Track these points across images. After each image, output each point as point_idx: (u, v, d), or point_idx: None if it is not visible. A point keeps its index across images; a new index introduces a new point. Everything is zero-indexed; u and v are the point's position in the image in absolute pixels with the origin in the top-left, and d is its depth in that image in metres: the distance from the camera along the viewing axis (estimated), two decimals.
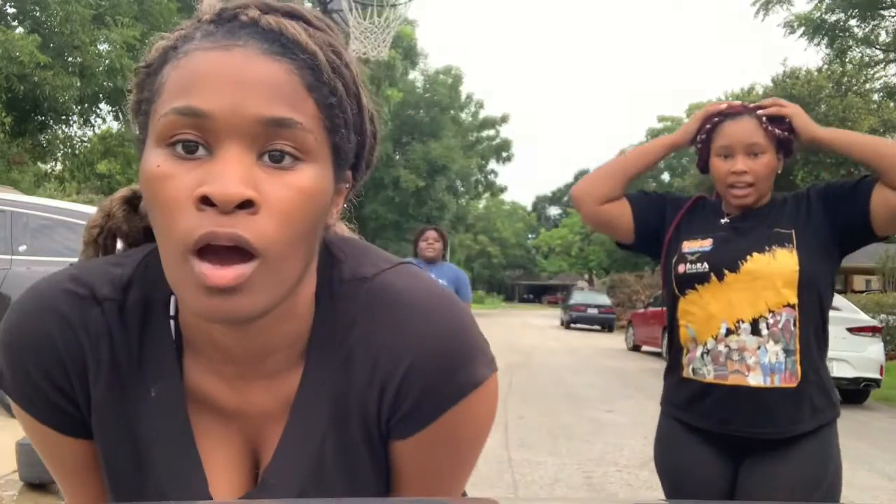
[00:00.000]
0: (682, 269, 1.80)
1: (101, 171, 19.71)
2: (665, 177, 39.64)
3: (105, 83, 11.78)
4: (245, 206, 0.56)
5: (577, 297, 29.26)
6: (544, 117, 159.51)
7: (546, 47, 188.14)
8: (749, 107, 1.79)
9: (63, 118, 12.48)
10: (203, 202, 0.55)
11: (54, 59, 10.72)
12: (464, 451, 0.72)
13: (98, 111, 13.35)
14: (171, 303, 0.69)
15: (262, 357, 0.68)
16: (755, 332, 1.70)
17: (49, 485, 3.65)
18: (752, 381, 1.69)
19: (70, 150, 13.79)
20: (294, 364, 0.69)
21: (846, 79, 17.11)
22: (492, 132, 34.21)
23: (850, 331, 8.99)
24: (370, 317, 0.68)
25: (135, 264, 0.70)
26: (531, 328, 26.40)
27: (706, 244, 1.79)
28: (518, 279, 70.98)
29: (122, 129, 15.42)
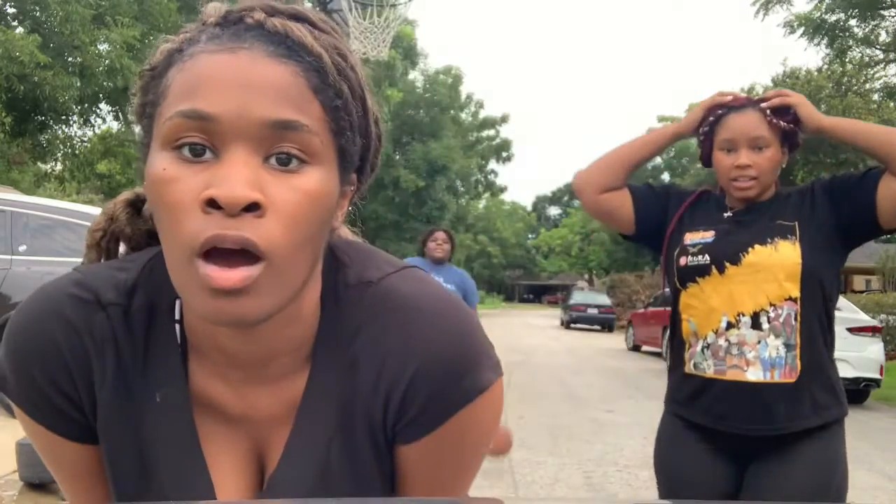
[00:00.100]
0: (683, 261, 1.77)
1: (101, 171, 19.71)
2: (665, 177, 39.66)
3: (105, 83, 11.76)
4: (251, 208, 0.56)
5: (577, 297, 29.26)
6: (544, 117, 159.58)
7: (546, 47, 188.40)
8: (753, 100, 1.76)
9: (63, 118, 12.47)
10: (209, 205, 0.55)
11: (54, 59, 10.71)
12: (468, 454, 0.72)
13: (98, 111, 13.35)
14: (176, 307, 0.69)
15: (267, 361, 0.67)
16: (756, 325, 1.67)
17: (49, 485, 3.65)
18: (751, 376, 1.66)
19: (70, 150, 13.79)
20: (299, 368, 0.69)
21: (846, 79, 17.09)
22: (492, 132, 34.18)
23: (850, 331, 8.99)
24: (376, 321, 0.67)
25: (139, 268, 0.70)
26: (531, 328, 26.38)
27: (708, 236, 1.76)
28: (518, 279, 70.93)
29: (122, 129, 15.43)
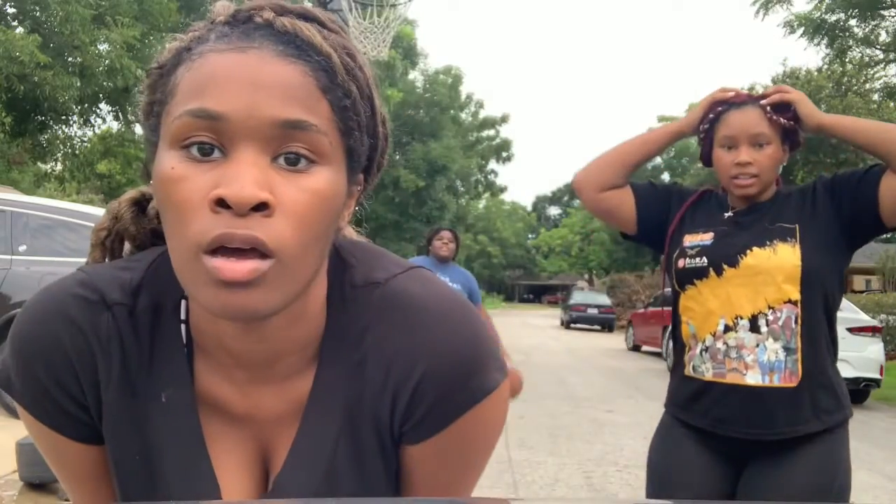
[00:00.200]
0: (681, 263, 1.75)
1: (101, 171, 19.70)
2: (665, 176, 39.67)
3: (105, 83, 11.75)
4: (260, 208, 0.55)
5: (577, 297, 29.26)
6: (544, 117, 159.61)
7: (546, 47, 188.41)
8: (754, 97, 1.75)
9: (63, 118, 12.47)
10: (218, 204, 0.55)
11: (54, 59, 10.70)
12: (474, 455, 0.72)
13: (98, 111, 13.35)
14: (182, 307, 0.68)
15: (273, 361, 0.67)
16: (754, 329, 1.65)
17: (49, 485, 3.66)
18: (750, 379, 1.64)
19: (70, 150, 13.78)
20: (305, 368, 0.69)
21: (846, 79, 17.10)
22: (492, 132, 34.21)
23: (850, 331, 9.00)
24: (384, 322, 0.67)
25: (144, 268, 0.70)
26: (531, 328, 26.38)
27: (707, 238, 1.74)
28: (518, 279, 70.90)
29: (122, 129, 15.42)
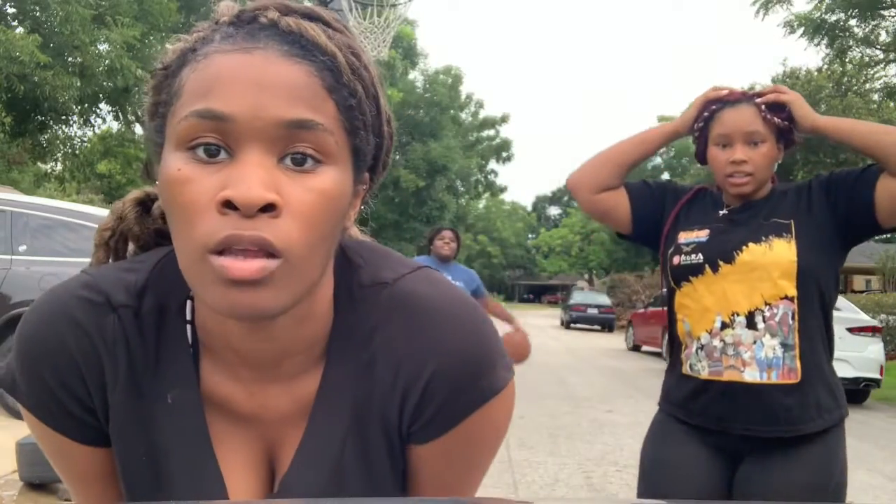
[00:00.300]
0: (677, 260, 1.75)
1: (101, 171, 19.72)
2: (665, 176, 39.71)
3: (105, 83, 11.76)
4: (267, 209, 0.56)
5: (577, 297, 29.26)
6: (544, 117, 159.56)
7: (547, 47, 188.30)
8: (749, 94, 1.74)
9: (63, 118, 12.47)
10: (225, 206, 0.55)
11: (54, 59, 10.70)
12: (480, 454, 0.72)
13: (98, 111, 13.35)
14: (188, 307, 0.68)
15: (280, 360, 0.67)
16: (751, 325, 1.64)
17: (49, 485, 3.66)
18: (748, 376, 1.63)
19: (70, 150, 13.78)
20: (311, 367, 0.69)
21: (846, 79, 17.10)
22: (492, 132, 34.24)
23: (850, 331, 9.00)
24: (393, 322, 0.67)
25: (149, 269, 0.70)
26: (531, 328, 26.15)
27: (702, 235, 1.73)
28: (518, 279, 70.90)
29: (122, 129, 15.42)
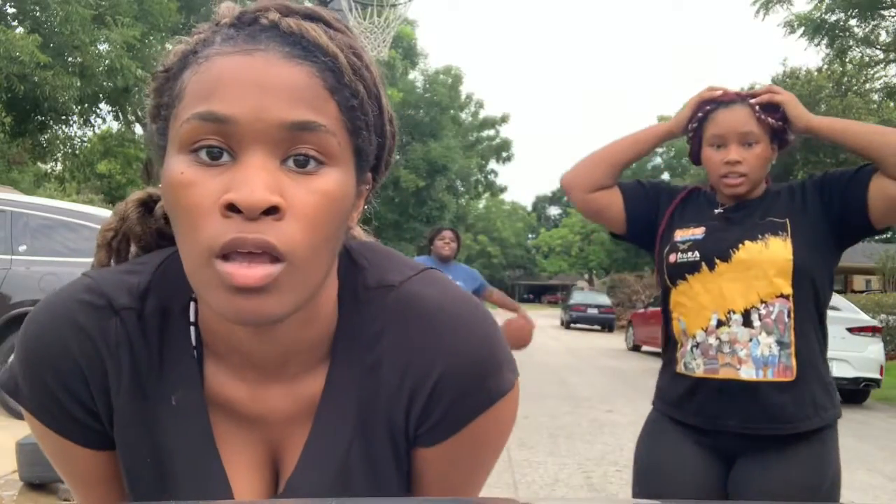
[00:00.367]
0: (673, 258, 1.75)
1: (101, 171, 19.73)
2: (665, 176, 39.71)
3: (105, 83, 11.75)
4: (270, 212, 0.56)
5: (577, 297, 29.27)
6: (544, 117, 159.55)
7: (547, 47, 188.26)
8: (743, 95, 1.74)
9: (63, 118, 12.46)
10: (229, 209, 0.55)
11: (54, 59, 10.69)
12: (485, 455, 0.73)
13: (98, 111, 13.34)
14: (191, 309, 0.68)
15: (284, 361, 0.67)
16: (747, 323, 1.64)
17: (49, 485, 3.66)
18: (744, 374, 1.63)
19: (70, 150, 13.78)
20: (315, 368, 0.69)
21: (846, 79, 17.11)
22: (492, 132, 34.22)
23: (850, 331, 9.00)
24: (400, 326, 0.67)
25: (151, 271, 0.69)
26: None
27: (698, 233, 1.74)
28: (518, 279, 70.89)
29: (122, 129, 15.42)
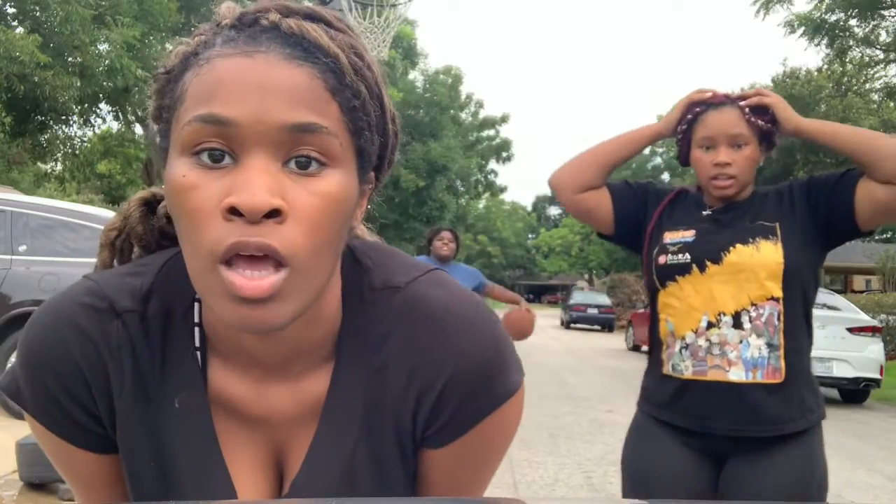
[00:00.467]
0: (662, 259, 1.75)
1: (101, 171, 19.74)
2: (665, 177, 39.68)
3: (105, 83, 11.76)
4: (272, 215, 0.55)
5: (577, 297, 29.26)
6: (544, 117, 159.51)
7: (546, 47, 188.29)
8: (732, 97, 1.75)
9: (63, 118, 12.47)
10: (231, 212, 0.55)
11: (54, 59, 10.70)
12: (491, 455, 0.73)
13: (98, 111, 13.35)
14: (195, 309, 0.68)
15: (288, 360, 0.67)
16: (737, 325, 1.64)
17: (49, 485, 3.66)
18: (733, 376, 1.64)
19: (70, 150, 13.80)
20: (320, 367, 0.69)
21: (846, 79, 17.13)
22: (492, 132, 34.22)
23: (850, 331, 8.96)
24: (407, 328, 0.67)
25: (154, 273, 0.69)
26: None
27: (688, 235, 1.73)
28: (518, 279, 70.87)
29: (122, 129, 15.43)
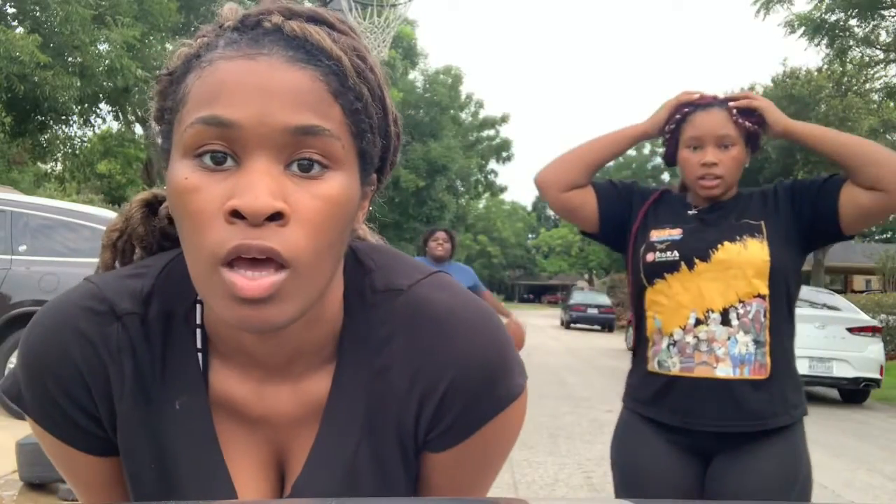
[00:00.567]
0: (650, 257, 1.76)
1: (101, 171, 19.75)
2: (665, 177, 39.67)
3: (105, 83, 11.77)
4: (274, 217, 0.56)
5: (577, 297, 29.29)
6: (544, 117, 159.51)
7: (546, 47, 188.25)
8: (721, 99, 1.78)
9: (63, 118, 12.48)
10: (233, 215, 0.55)
11: (54, 59, 10.70)
12: (493, 458, 0.73)
13: (98, 111, 13.37)
14: (197, 311, 0.68)
15: (290, 360, 0.67)
16: (725, 322, 1.67)
17: (49, 485, 3.66)
18: (721, 372, 1.66)
19: (70, 150, 13.80)
20: (321, 368, 0.69)
21: (846, 79, 17.12)
22: (492, 132, 34.22)
23: (850, 331, 8.96)
24: (409, 331, 0.67)
25: (155, 275, 0.69)
26: (531, 328, 26.33)
27: (675, 233, 1.76)
28: (518, 279, 70.92)
29: (122, 129, 15.43)
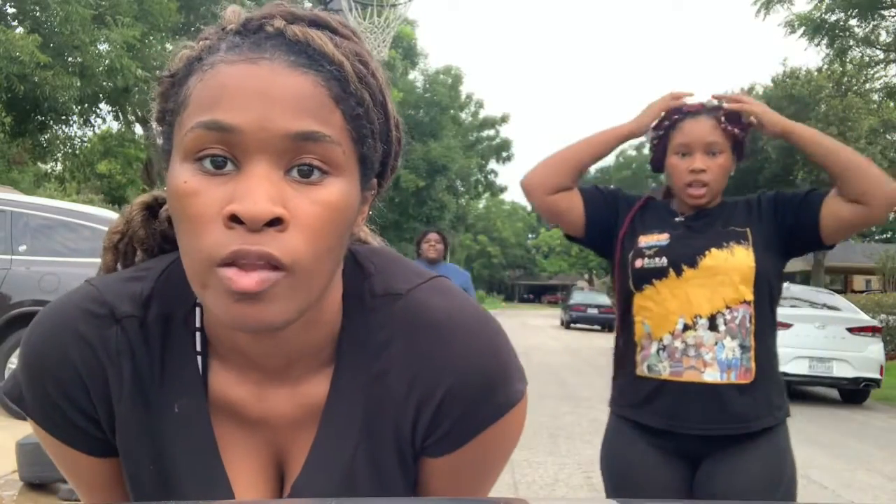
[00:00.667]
0: (639, 263, 1.78)
1: (101, 171, 19.75)
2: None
3: (105, 83, 11.77)
4: (274, 223, 0.55)
5: (577, 297, 29.29)
6: (544, 117, 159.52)
7: (546, 47, 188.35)
8: (708, 106, 1.80)
9: (63, 118, 12.47)
10: (232, 220, 0.55)
11: (54, 59, 10.71)
12: (493, 463, 0.73)
13: (98, 111, 13.37)
14: (196, 314, 0.68)
15: (288, 363, 0.67)
16: (712, 327, 1.70)
17: (49, 485, 3.66)
18: (708, 377, 1.69)
19: (70, 150, 13.80)
20: (320, 371, 0.69)
21: (846, 79, 17.13)
22: (492, 132, 34.27)
23: (850, 331, 8.96)
24: (407, 336, 0.67)
25: (154, 278, 0.69)
26: (531, 328, 26.37)
27: (663, 239, 1.78)
28: (518, 279, 70.94)
29: (122, 129, 15.43)
